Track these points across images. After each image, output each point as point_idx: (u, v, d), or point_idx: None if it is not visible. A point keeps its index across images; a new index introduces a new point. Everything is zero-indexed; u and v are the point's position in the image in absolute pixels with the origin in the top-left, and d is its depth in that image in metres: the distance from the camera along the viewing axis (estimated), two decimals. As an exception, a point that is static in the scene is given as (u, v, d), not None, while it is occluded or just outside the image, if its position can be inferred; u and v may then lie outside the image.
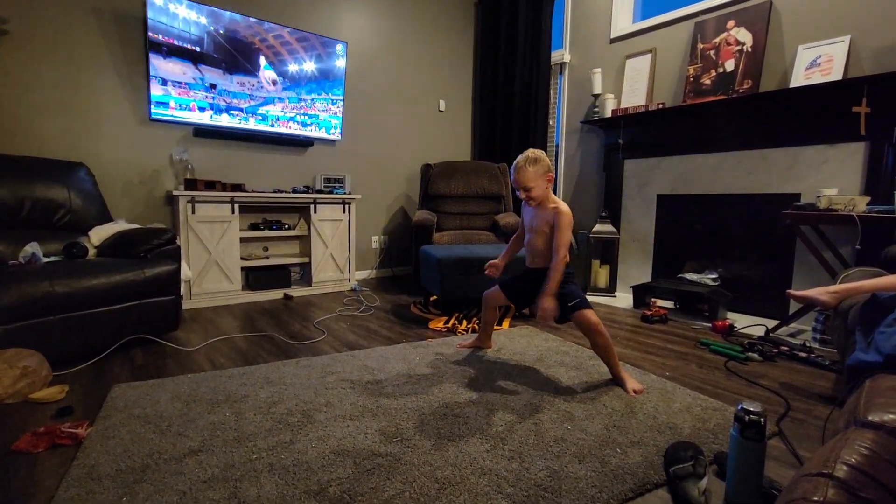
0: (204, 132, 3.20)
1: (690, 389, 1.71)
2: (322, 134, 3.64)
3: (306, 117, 3.54)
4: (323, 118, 3.61)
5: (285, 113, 3.44)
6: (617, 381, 1.75)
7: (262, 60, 3.27)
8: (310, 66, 3.47)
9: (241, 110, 3.25)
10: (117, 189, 2.95)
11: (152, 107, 2.91)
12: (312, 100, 3.54)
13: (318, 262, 3.48)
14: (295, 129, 3.51)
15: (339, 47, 3.57)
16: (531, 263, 1.91)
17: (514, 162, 1.79)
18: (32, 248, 2.07)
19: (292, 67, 3.41)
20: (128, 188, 3.00)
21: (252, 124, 3.31)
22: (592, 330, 1.71)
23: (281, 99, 3.40)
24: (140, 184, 3.04)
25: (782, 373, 1.91)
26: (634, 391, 1.67)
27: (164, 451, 1.25)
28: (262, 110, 3.34)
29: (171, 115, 2.98)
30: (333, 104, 3.64)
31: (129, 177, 3.00)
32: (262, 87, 3.30)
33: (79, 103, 2.80)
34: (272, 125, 3.40)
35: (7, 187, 2.29)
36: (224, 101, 3.17)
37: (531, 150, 1.81)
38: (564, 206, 1.79)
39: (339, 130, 3.71)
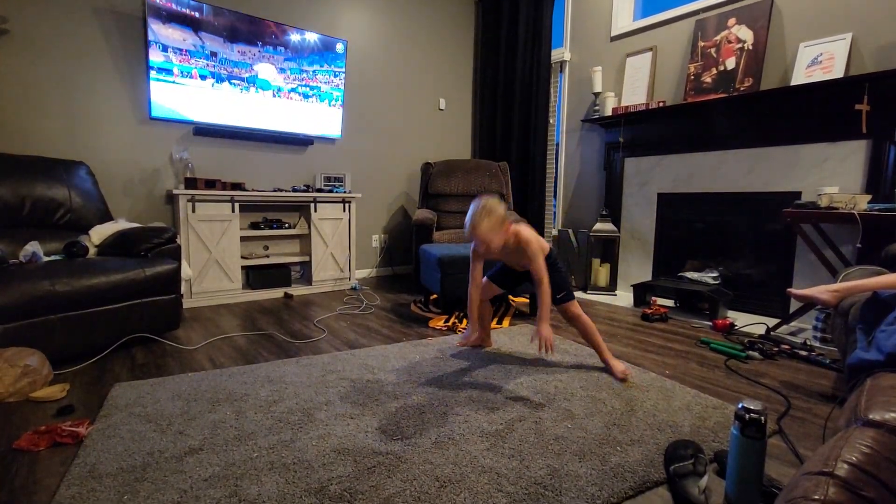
0: (204, 131, 3.20)
1: (691, 388, 1.71)
2: (324, 106, 3.58)
3: (308, 88, 3.50)
4: (325, 90, 3.57)
5: (287, 84, 3.41)
6: (605, 365, 1.87)
7: (263, 34, 3.23)
8: (312, 37, 3.43)
9: (242, 80, 3.21)
10: (117, 188, 2.95)
11: (155, 73, 2.85)
12: (314, 71, 3.50)
13: (319, 260, 3.48)
14: (296, 101, 3.45)
15: (340, 45, 3.56)
16: (517, 268, 1.95)
17: (467, 217, 1.70)
18: (33, 247, 2.07)
19: (294, 38, 3.36)
20: (128, 187, 3.00)
21: (252, 94, 3.26)
22: (572, 317, 1.86)
23: (283, 70, 3.36)
24: (140, 183, 3.04)
25: (783, 371, 1.91)
26: (622, 374, 1.78)
27: (165, 449, 1.25)
28: (263, 79, 3.29)
29: (175, 82, 2.93)
30: (335, 76, 3.60)
31: (130, 176, 3.00)
32: (263, 56, 3.24)
33: (79, 102, 2.80)
34: (274, 96, 3.35)
35: (8, 186, 2.29)
36: (225, 70, 3.13)
37: (484, 199, 1.69)
38: (526, 234, 1.75)
39: (340, 102, 3.65)
